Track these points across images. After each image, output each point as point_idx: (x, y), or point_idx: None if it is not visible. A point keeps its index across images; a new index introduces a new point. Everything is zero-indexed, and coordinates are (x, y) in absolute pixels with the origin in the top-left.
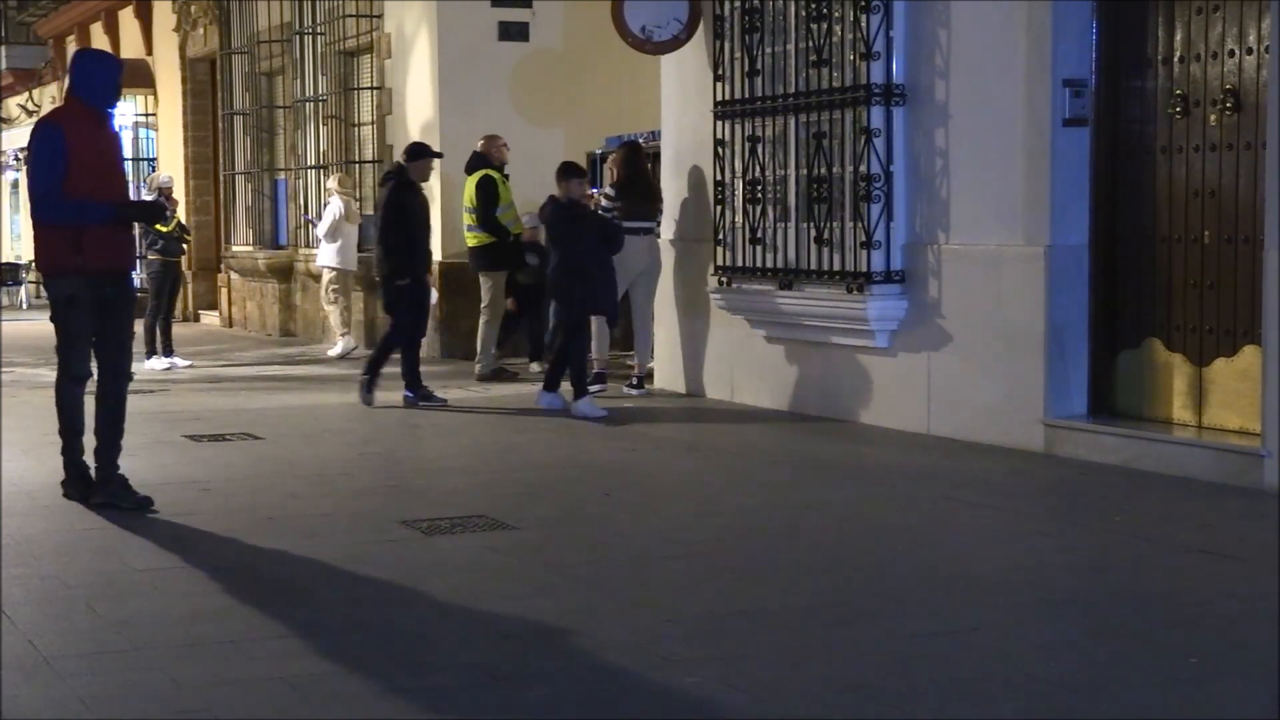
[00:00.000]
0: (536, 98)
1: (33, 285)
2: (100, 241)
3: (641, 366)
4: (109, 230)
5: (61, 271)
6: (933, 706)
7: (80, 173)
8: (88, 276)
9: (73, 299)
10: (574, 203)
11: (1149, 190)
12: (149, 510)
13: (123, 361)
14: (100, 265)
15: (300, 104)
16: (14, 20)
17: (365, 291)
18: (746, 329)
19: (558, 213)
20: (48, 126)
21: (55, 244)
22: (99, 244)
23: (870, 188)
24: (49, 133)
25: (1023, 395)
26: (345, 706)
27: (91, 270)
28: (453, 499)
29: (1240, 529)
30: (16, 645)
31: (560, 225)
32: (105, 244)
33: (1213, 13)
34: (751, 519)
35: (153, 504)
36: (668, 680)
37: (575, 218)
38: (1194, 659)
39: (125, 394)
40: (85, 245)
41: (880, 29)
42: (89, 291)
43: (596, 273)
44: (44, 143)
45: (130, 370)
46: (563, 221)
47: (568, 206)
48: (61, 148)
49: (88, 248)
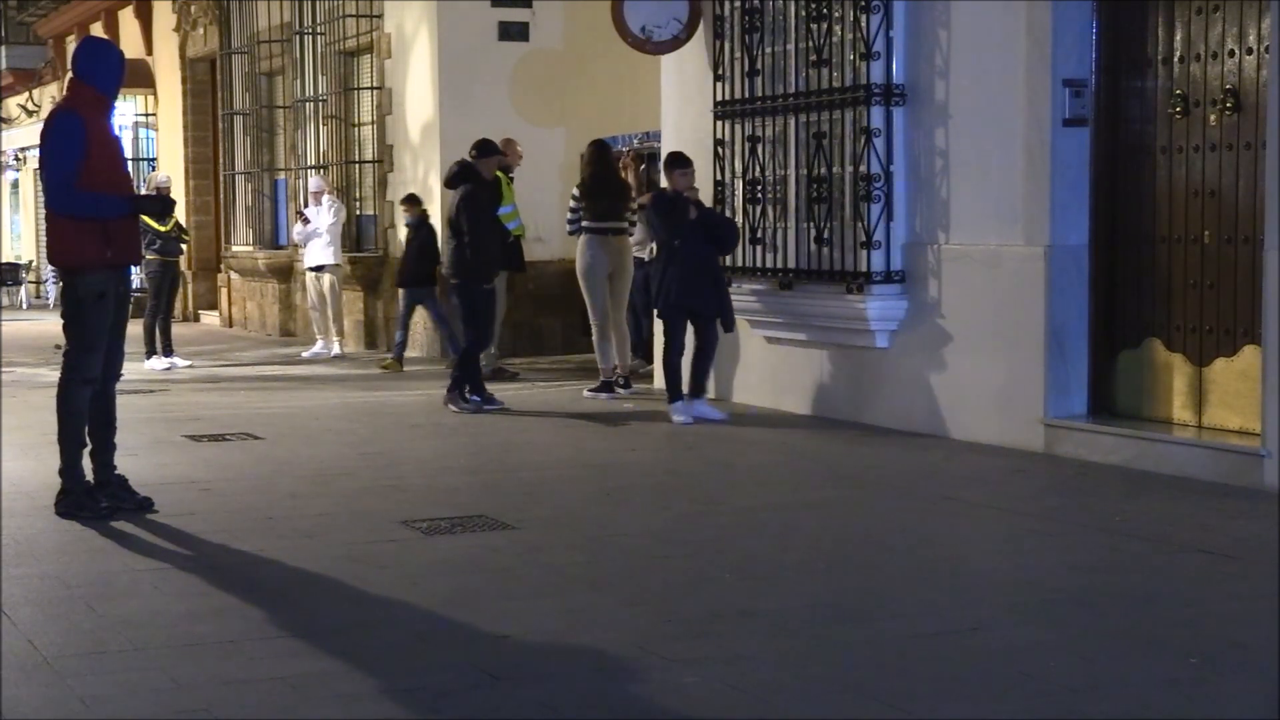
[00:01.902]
0: (536, 98)
1: (33, 285)
2: (125, 234)
3: (624, 366)
4: (127, 223)
5: (93, 266)
6: (933, 706)
7: (97, 164)
8: (117, 270)
9: (104, 295)
10: (677, 195)
11: (1149, 190)
12: (150, 511)
13: (118, 362)
14: (126, 258)
15: (300, 104)
16: (14, 20)
17: (365, 291)
18: (746, 329)
19: (656, 204)
20: (68, 115)
21: (82, 237)
22: (124, 237)
23: (870, 188)
24: (69, 121)
25: (1022, 395)
26: (345, 706)
27: (120, 263)
28: (453, 499)
29: (1240, 529)
30: (16, 645)
31: (657, 217)
32: (129, 237)
33: (1213, 13)
34: (751, 519)
35: (153, 505)
36: (668, 680)
37: (672, 210)
38: (1194, 659)
39: (115, 393)
40: (112, 238)
41: (880, 29)
42: (116, 286)
43: (692, 271)
44: (63, 131)
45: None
46: (659, 213)
47: (668, 199)
48: (81, 137)
49: (115, 241)
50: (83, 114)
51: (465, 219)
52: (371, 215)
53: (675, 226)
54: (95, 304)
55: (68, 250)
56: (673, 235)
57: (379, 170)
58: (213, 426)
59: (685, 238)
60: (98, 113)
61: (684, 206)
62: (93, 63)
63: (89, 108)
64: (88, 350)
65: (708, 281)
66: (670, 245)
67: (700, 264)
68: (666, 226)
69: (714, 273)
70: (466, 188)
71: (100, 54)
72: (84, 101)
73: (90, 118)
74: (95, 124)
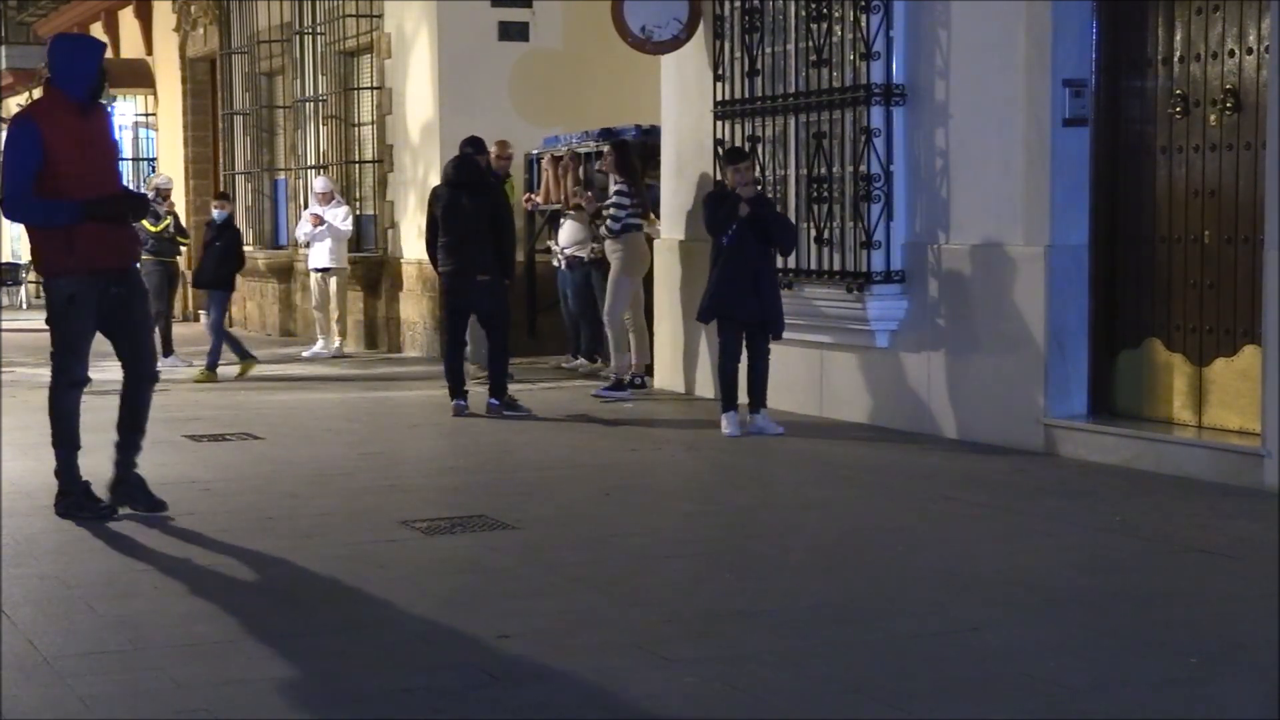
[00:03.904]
0: (536, 98)
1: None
2: (93, 239)
3: (639, 365)
4: (100, 227)
5: (58, 271)
6: (933, 706)
7: (59, 169)
8: (86, 275)
9: (72, 299)
10: (725, 192)
11: (1149, 190)
12: (162, 513)
13: (145, 363)
14: (96, 263)
15: (300, 104)
16: (14, 20)
17: (365, 292)
18: None
19: (706, 201)
20: (22, 122)
21: (48, 244)
22: (92, 241)
23: (870, 188)
24: (22, 129)
25: (1023, 395)
26: (345, 706)
27: (86, 269)
28: (453, 499)
29: (1240, 529)
30: (16, 645)
31: (707, 213)
32: (99, 241)
33: (1213, 13)
34: (751, 519)
35: (166, 508)
36: (668, 680)
37: (719, 207)
38: (1194, 659)
39: (149, 397)
40: (77, 243)
41: (880, 29)
42: (89, 291)
43: (734, 274)
44: (16, 140)
45: (155, 372)
46: (706, 210)
47: (716, 196)
48: (35, 144)
49: (80, 246)
50: (39, 120)
51: (504, 215)
52: (371, 215)
53: (720, 225)
54: (66, 308)
55: (36, 256)
56: (718, 235)
57: (379, 170)
58: (212, 426)
59: (734, 238)
60: (63, 115)
61: (732, 204)
62: (57, 63)
63: (50, 112)
64: (68, 353)
65: (749, 286)
66: (717, 245)
67: (743, 267)
68: (710, 224)
69: (760, 276)
70: (494, 187)
71: (65, 53)
72: (45, 106)
73: (50, 122)
74: (57, 128)
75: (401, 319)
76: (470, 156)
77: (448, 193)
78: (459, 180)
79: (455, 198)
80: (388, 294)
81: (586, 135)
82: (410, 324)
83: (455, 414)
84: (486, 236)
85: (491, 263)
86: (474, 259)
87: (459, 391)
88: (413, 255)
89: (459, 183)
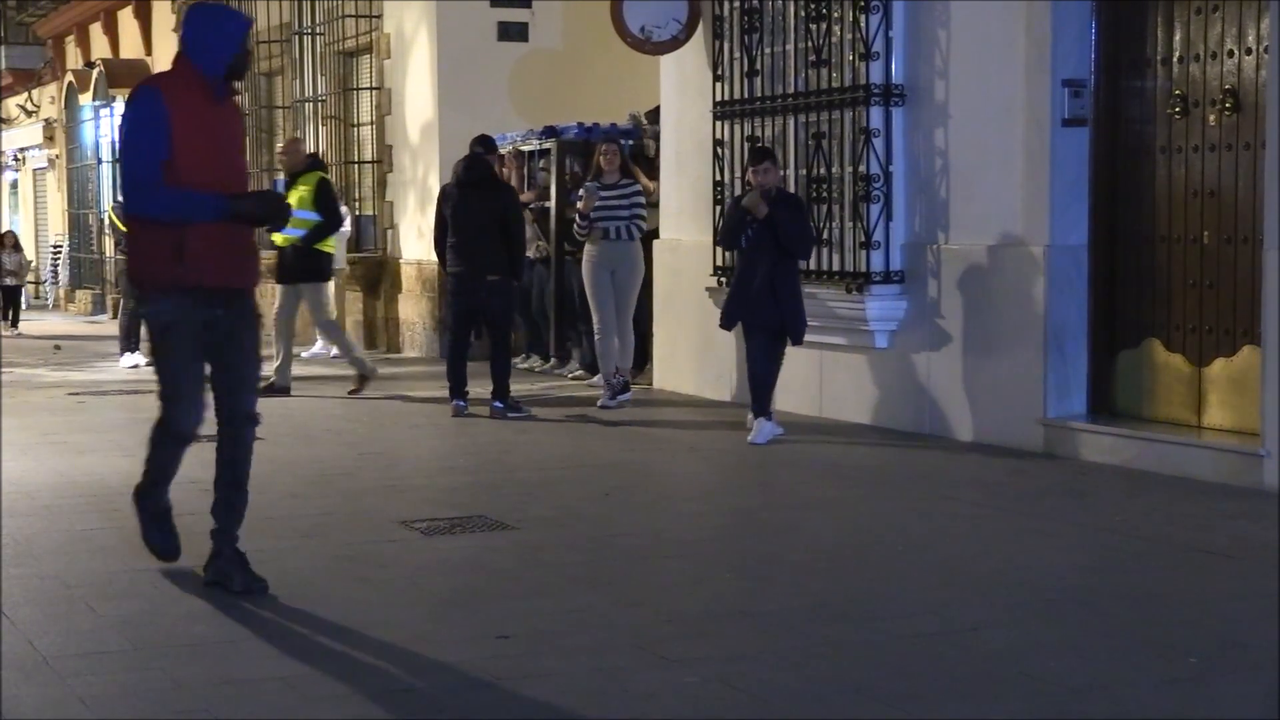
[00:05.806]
0: (536, 98)
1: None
2: (211, 247)
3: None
4: (220, 235)
5: (157, 286)
6: (933, 706)
7: (178, 159)
8: (191, 294)
9: (170, 327)
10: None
11: (1149, 190)
12: (262, 592)
13: (244, 401)
14: (209, 279)
15: (299, 104)
16: (14, 20)
17: (365, 292)
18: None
19: (732, 203)
20: (146, 91)
21: (151, 250)
22: (208, 251)
23: (870, 188)
24: (147, 99)
25: (1022, 395)
26: (345, 706)
27: (195, 283)
28: (453, 499)
29: (1240, 529)
30: (16, 645)
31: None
32: (217, 251)
33: (1212, 13)
34: (751, 519)
35: (267, 586)
36: (668, 680)
37: (734, 210)
38: (1194, 659)
39: (250, 443)
40: (188, 251)
41: (880, 29)
42: (191, 316)
43: (751, 279)
44: (141, 112)
45: (255, 413)
46: (725, 214)
47: (737, 202)
48: (162, 118)
49: (192, 256)
50: (165, 91)
51: (514, 215)
52: (371, 215)
53: (730, 234)
54: (162, 338)
55: (132, 265)
56: (729, 245)
57: (378, 170)
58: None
59: (753, 240)
60: (191, 93)
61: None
62: (196, 34)
63: (178, 85)
64: (171, 393)
65: (766, 291)
66: (738, 249)
67: (760, 271)
68: (720, 235)
69: (778, 281)
70: (504, 187)
71: (206, 22)
72: (173, 77)
73: (176, 97)
74: (183, 105)
75: (401, 319)
76: (480, 156)
77: (457, 192)
78: (469, 180)
79: (465, 197)
80: (387, 294)
81: (530, 133)
82: (409, 324)
83: (455, 414)
84: (496, 236)
85: (502, 263)
86: (484, 259)
87: (459, 392)
88: (412, 256)
89: (469, 182)
